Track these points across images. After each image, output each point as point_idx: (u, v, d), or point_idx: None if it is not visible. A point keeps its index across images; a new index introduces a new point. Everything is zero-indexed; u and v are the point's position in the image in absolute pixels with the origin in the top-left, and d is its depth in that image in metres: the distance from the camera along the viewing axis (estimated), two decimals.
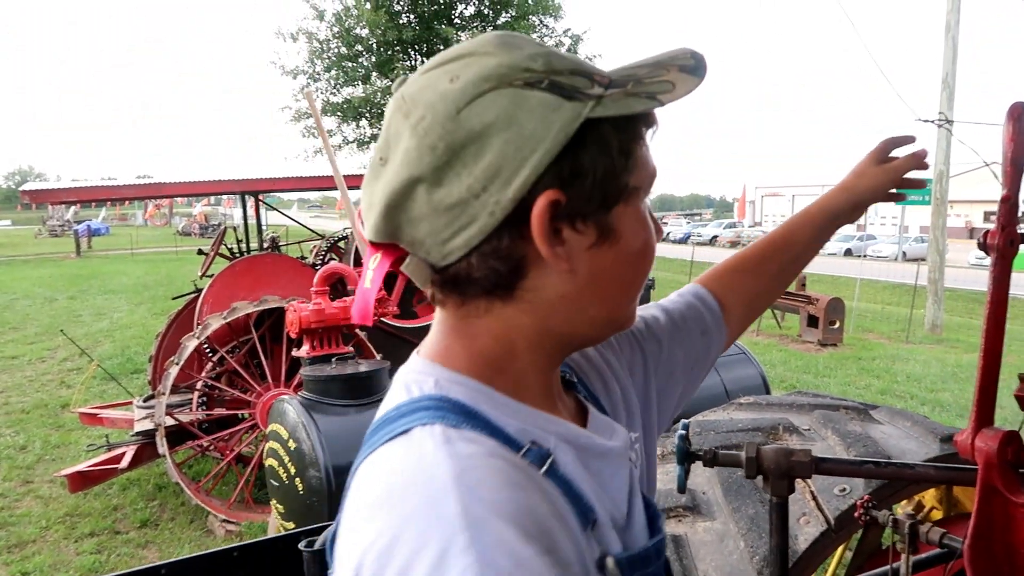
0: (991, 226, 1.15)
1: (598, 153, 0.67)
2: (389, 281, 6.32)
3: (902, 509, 2.36)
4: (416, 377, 0.72)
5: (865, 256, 28.96)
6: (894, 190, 1.12)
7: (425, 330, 0.79)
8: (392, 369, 4.41)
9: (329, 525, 0.78)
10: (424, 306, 7.01)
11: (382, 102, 19.38)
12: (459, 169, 0.64)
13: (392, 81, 18.34)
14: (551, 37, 19.64)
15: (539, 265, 0.68)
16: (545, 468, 0.67)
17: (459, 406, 0.68)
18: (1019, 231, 1.15)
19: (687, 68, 0.71)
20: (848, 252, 36.33)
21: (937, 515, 2.43)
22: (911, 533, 1.45)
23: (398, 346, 6.70)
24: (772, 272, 1.10)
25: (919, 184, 1.12)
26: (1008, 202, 1.15)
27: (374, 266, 0.73)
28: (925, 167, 1.12)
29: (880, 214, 46.88)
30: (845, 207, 1.11)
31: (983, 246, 1.16)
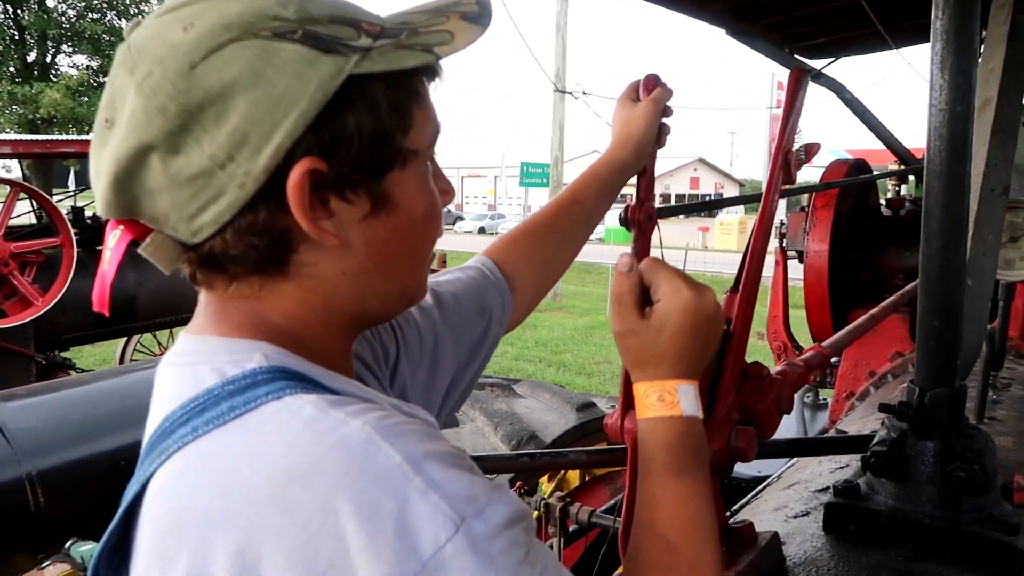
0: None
1: (365, 114, 0.60)
2: None
3: (546, 484, 2.46)
4: (229, 358, 0.60)
5: (496, 233, 31.40)
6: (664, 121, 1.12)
7: (19, 331, 0.55)
8: None
9: None
10: (14, 303, 5.79)
11: None
12: (198, 135, 0.56)
13: None
14: None
15: (309, 239, 0.61)
16: None
17: (308, 380, 0.59)
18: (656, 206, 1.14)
19: (469, 16, 0.65)
20: (482, 230, 39.23)
21: (574, 479, 2.56)
22: (561, 516, 1.43)
23: None
24: (562, 232, 1.08)
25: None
26: (646, 176, 1.13)
27: (112, 244, 0.63)
28: (672, 94, 1.13)
29: (508, 195, 51.40)
30: (630, 158, 1.09)
31: (624, 221, 1.13)
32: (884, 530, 1.13)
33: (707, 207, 1.68)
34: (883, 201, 3.23)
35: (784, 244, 3.02)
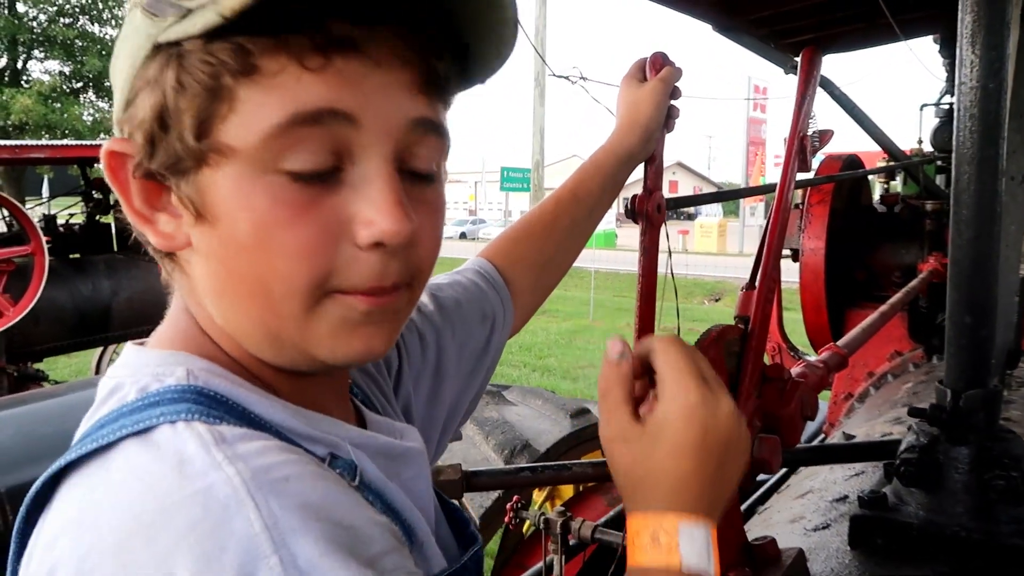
0: None
1: (152, 91, 0.50)
2: None
3: (538, 494, 2.36)
4: (154, 371, 0.53)
5: (478, 238, 31.41)
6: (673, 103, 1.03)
7: None
8: None
9: None
10: None
11: None
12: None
13: None
14: None
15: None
16: (357, 481, 0.54)
17: (227, 403, 0.51)
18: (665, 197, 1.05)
19: None
20: (463, 235, 39.11)
21: (568, 490, 2.47)
22: (562, 532, 1.33)
23: None
24: (564, 230, 0.98)
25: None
26: (654, 163, 1.04)
27: None
28: (682, 73, 1.03)
29: (488, 199, 51.34)
30: (637, 144, 0.99)
31: (631, 212, 1.04)
32: (916, 544, 1.05)
33: (719, 198, 1.64)
34: (876, 197, 3.17)
35: None
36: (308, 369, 0.56)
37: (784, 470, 2.12)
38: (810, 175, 2.09)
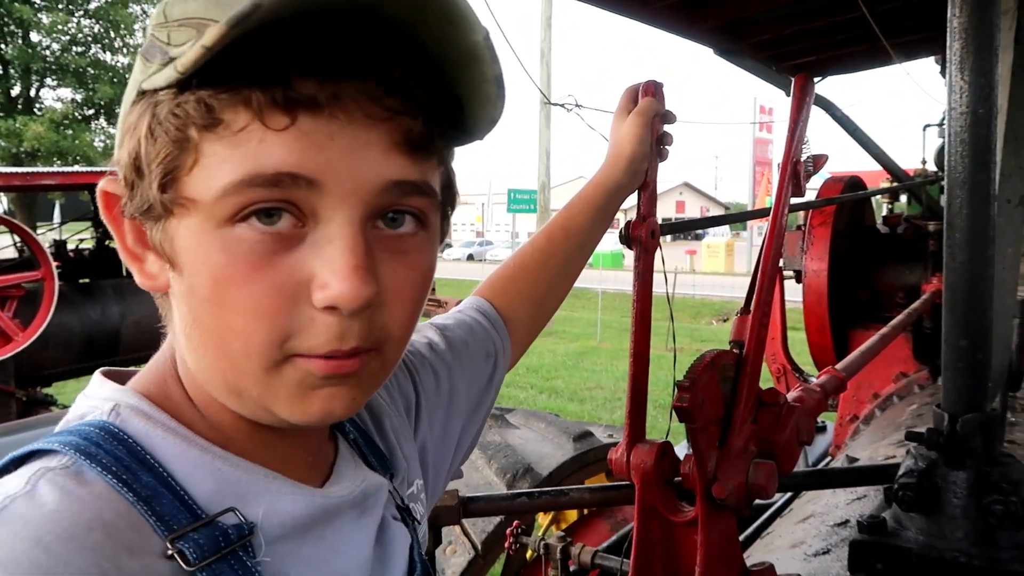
0: None
1: (131, 137, 0.51)
2: None
3: (543, 517, 2.35)
4: (96, 403, 0.55)
5: (485, 260, 31.45)
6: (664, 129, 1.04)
7: None
8: None
9: None
10: None
11: None
12: None
13: None
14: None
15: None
16: (210, 559, 0.50)
17: (128, 443, 0.51)
18: (659, 223, 1.06)
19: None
20: (471, 257, 39.18)
21: (573, 513, 2.45)
22: (562, 558, 1.33)
23: None
24: (557, 267, 1.00)
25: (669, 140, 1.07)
26: (647, 190, 1.05)
27: None
28: (662, 108, 1.05)
29: (495, 222, 51.50)
30: (623, 177, 1.00)
31: (625, 239, 1.04)
32: (916, 570, 1.04)
33: (712, 223, 1.65)
34: (880, 218, 3.17)
35: (781, 264, 2.96)
36: (270, 424, 0.55)
37: (788, 494, 2.10)
38: (808, 199, 2.11)
